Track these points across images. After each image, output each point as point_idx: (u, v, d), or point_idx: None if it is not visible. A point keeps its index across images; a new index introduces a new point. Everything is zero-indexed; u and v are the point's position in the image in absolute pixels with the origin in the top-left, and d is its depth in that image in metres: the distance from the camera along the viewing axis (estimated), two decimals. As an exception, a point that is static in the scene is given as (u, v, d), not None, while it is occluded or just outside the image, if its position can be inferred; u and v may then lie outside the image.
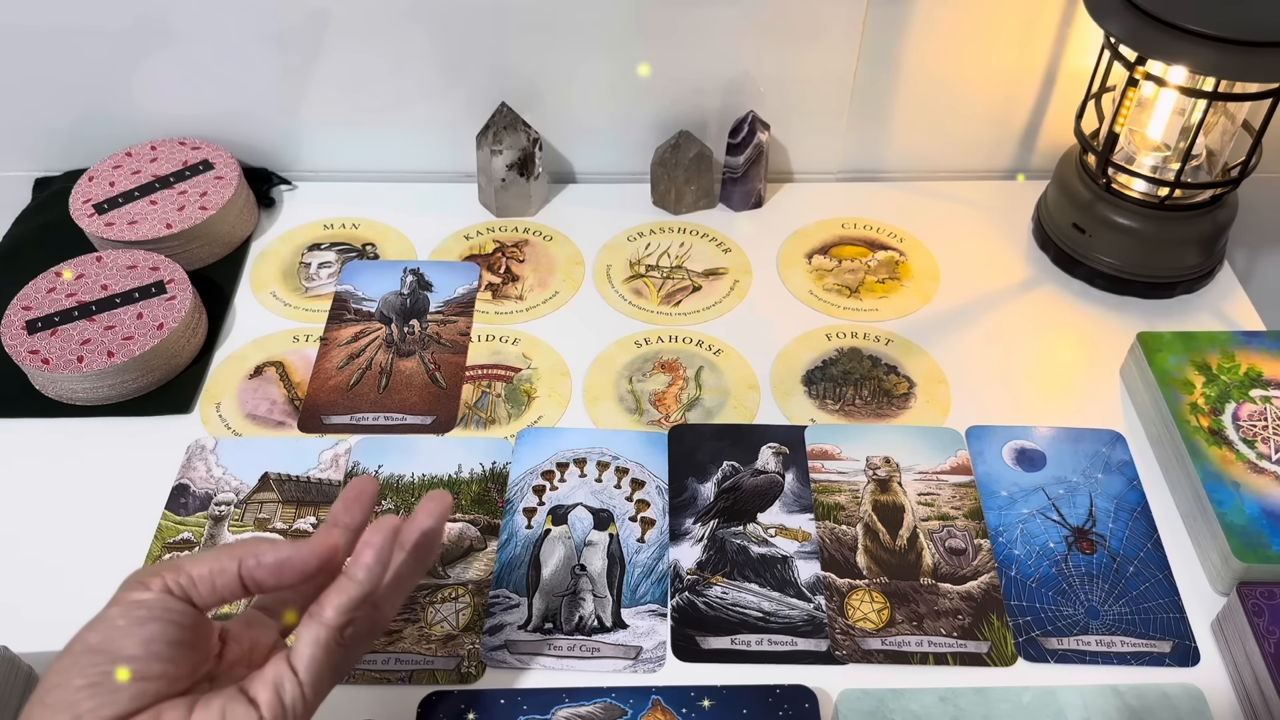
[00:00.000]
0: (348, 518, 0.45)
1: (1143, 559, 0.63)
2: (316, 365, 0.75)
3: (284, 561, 0.41)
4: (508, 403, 0.73)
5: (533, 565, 0.63)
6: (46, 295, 0.74)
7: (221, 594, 0.41)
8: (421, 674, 0.59)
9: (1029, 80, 0.85)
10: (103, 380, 0.71)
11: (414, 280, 0.81)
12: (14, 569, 0.64)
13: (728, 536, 0.65)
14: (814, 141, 0.89)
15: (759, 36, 0.81)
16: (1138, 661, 0.59)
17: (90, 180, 0.84)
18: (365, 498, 0.45)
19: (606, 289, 0.81)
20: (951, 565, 0.63)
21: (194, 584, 0.41)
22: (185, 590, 0.40)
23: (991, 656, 0.59)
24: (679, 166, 0.85)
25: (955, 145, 0.90)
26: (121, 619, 0.39)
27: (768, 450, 0.69)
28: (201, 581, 0.41)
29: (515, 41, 0.82)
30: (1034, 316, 0.79)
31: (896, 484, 0.67)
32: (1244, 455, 0.64)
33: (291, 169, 0.91)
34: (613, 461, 0.69)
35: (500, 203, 0.86)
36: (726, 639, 0.60)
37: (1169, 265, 0.79)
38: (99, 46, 0.82)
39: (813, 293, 0.81)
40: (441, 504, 0.48)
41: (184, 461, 0.69)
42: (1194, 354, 0.70)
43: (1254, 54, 0.65)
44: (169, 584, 0.40)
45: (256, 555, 0.41)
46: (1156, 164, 0.77)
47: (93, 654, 0.38)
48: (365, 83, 0.85)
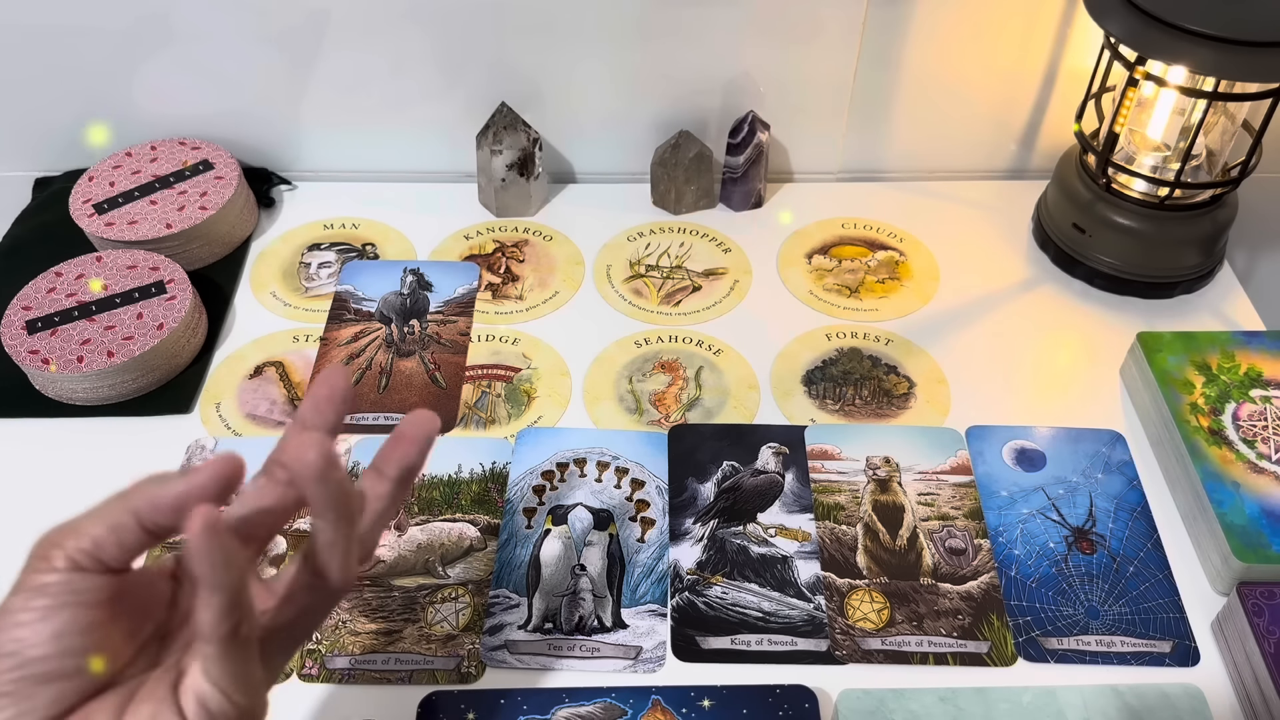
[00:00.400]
0: (318, 418, 0.40)
1: (1143, 559, 0.63)
2: (316, 365, 0.75)
3: (182, 498, 0.36)
4: (508, 403, 0.73)
5: (533, 565, 0.63)
6: (46, 295, 0.74)
7: (130, 549, 0.36)
8: (421, 674, 0.59)
9: (1029, 80, 0.85)
10: (103, 380, 0.71)
11: (414, 280, 0.81)
12: (14, 569, 0.64)
13: (728, 536, 0.65)
14: (814, 141, 0.89)
15: (759, 36, 0.81)
16: (1138, 661, 0.59)
17: (90, 180, 0.84)
18: (337, 396, 0.40)
19: (606, 289, 0.81)
20: (951, 565, 0.63)
21: (98, 546, 0.36)
22: (91, 554, 0.36)
23: (991, 656, 0.59)
24: (679, 166, 0.85)
25: (955, 145, 0.90)
26: (24, 613, 0.35)
27: (768, 450, 0.69)
28: (104, 542, 0.36)
29: (515, 41, 0.82)
30: (1034, 316, 0.79)
31: (896, 484, 0.67)
32: (1244, 455, 0.64)
33: (291, 169, 0.91)
34: (613, 461, 0.69)
35: (500, 203, 0.86)
36: (726, 639, 0.60)
37: (1169, 265, 0.79)
38: (99, 46, 0.82)
39: (813, 293, 0.81)
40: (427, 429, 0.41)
41: (184, 461, 0.69)
42: (1194, 354, 0.70)
43: (1254, 54, 0.65)
44: (71, 555, 0.35)
45: (150, 499, 0.36)
46: (1156, 164, 0.77)
47: (3, 659, 0.34)
48: (365, 83, 0.85)
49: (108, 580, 0.36)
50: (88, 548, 0.36)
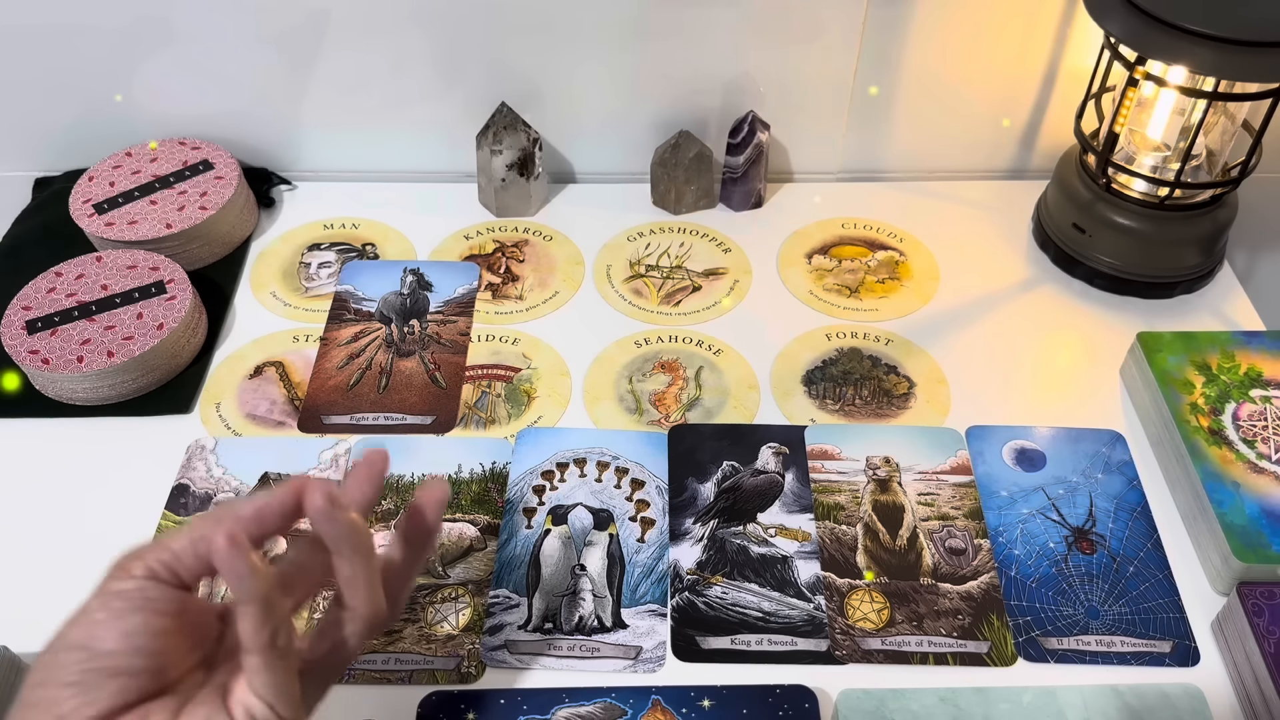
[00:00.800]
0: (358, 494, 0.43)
1: (1143, 559, 0.63)
2: (316, 365, 0.75)
3: (261, 509, 0.40)
4: (508, 403, 0.73)
5: (533, 565, 0.63)
6: (46, 295, 0.74)
7: (207, 562, 0.40)
8: (421, 674, 0.59)
9: (1029, 80, 0.85)
10: (103, 380, 0.71)
11: (414, 280, 0.81)
12: (14, 569, 0.64)
13: (728, 536, 0.65)
14: (814, 141, 0.89)
15: (759, 36, 0.81)
16: (1138, 661, 0.59)
17: (90, 180, 0.84)
18: (376, 473, 0.43)
19: (606, 289, 0.81)
20: (951, 565, 0.63)
21: (177, 558, 0.39)
22: (170, 566, 0.39)
23: (991, 656, 0.59)
24: (679, 166, 0.85)
25: (955, 145, 0.90)
26: (100, 612, 0.38)
27: (768, 450, 0.69)
28: (184, 554, 0.39)
29: (515, 41, 0.82)
30: (1034, 316, 0.79)
31: (896, 484, 0.67)
32: (1244, 455, 0.64)
33: (291, 169, 0.91)
34: (613, 461, 0.69)
35: (500, 203, 0.86)
36: (726, 639, 0.60)
37: (1169, 265, 0.79)
38: (99, 46, 0.82)
39: (812, 293, 0.81)
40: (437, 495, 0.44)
41: (184, 461, 0.69)
42: (1194, 354, 0.70)
43: (1254, 54, 0.65)
44: (152, 565, 0.39)
45: (234, 512, 0.40)
46: (1156, 164, 0.77)
47: (73, 650, 0.37)
48: (365, 83, 0.85)
49: (178, 594, 0.40)
50: (167, 559, 0.39)
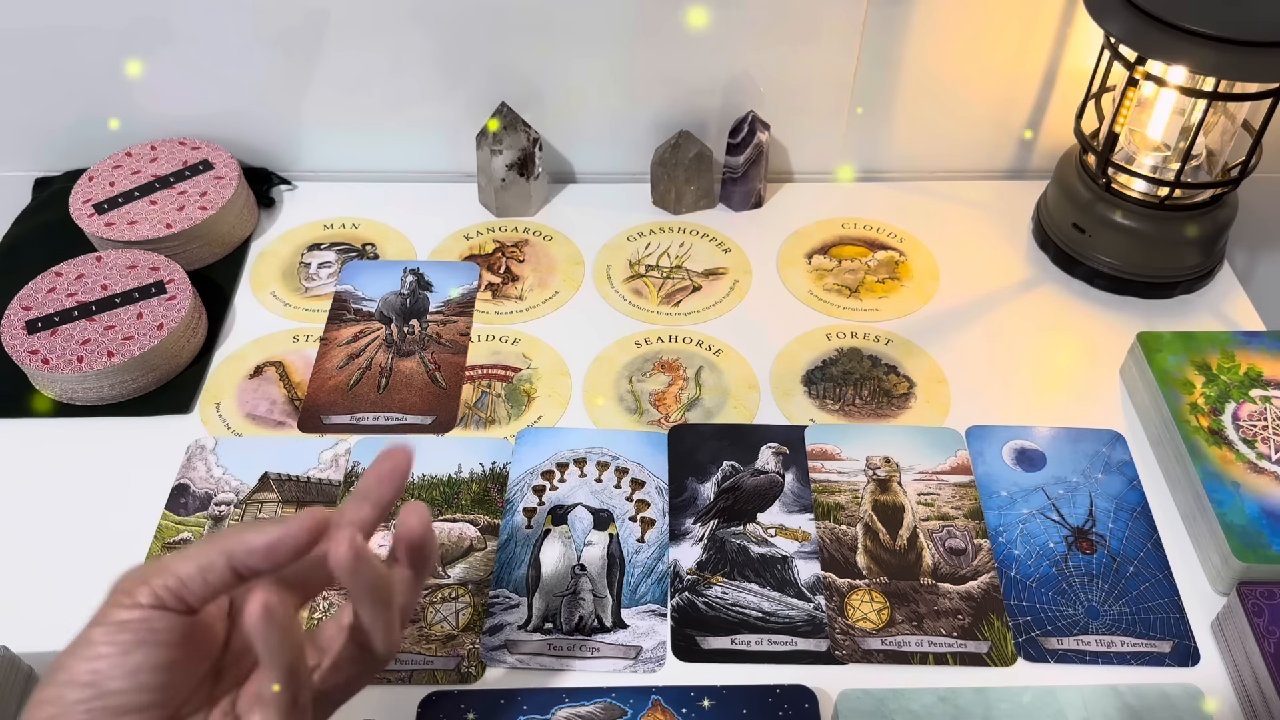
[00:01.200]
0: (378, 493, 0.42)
1: (1143, 559, 0.63)
2: (316, 365, 0.75)
3: (275, 544, 0.39)
4: (508, 403, 0.73)
5: (533, 565, 0.63)
6: (46, 295, 0.74)
7: (215, 588, 0.39)
8: (421, 674, 0.59)
9: (1029, 80, 0.85)
10: (103, 380, 0.71)
11: (414, 280, 0.81)
12: (14, 569, 0.64)
13: (728, 536, 0.65)
14: (814, 141, 0.89)
15: (759, 36, 0.81)
16: (1138, 661, 0.59)
17: (90, 180, 0.84)
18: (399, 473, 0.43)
19: (606, 289, 0.81)
20: (951, 565, 0.63)
21: (183, 585, 0.39)
22: (177, 594, 0.38)
23: (991, 656, 0.59)
24: (679, 166, 0.85)
25: (955, 145, 0.90)
26: (105, 645, 0.37)
27: (768, 450, 0.69)
28: (191, 581, 0.39)
29: (515, 41, 0.82)
30: (1034, 316, 0.79)
31: (896, 484, 0.67)
32: (1244, 455, 0.64)
33: (291, 169, 0.91)
34: (613, 461, 0.69)
35: (500, 203, 0.86)
36: (726, 639, 0.60)
37: (1169, 265, 0.79)
38: (99, 47, 0.82)
39: (813, 293, 0.81)
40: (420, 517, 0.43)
41: (184, 461, 0.69)
42: (1194, 354, 0.70)
43: (1254, 54, 0.65)
44: (159, 593, 0.38)
45: (245, 544, 0.39)
46: (1156, 164, 0.77)
47: (79, 689, 0.37)
48: (365, 83, 0.85)
49: (183, 621, 0.39)
50: (173, 585, 0.38)
